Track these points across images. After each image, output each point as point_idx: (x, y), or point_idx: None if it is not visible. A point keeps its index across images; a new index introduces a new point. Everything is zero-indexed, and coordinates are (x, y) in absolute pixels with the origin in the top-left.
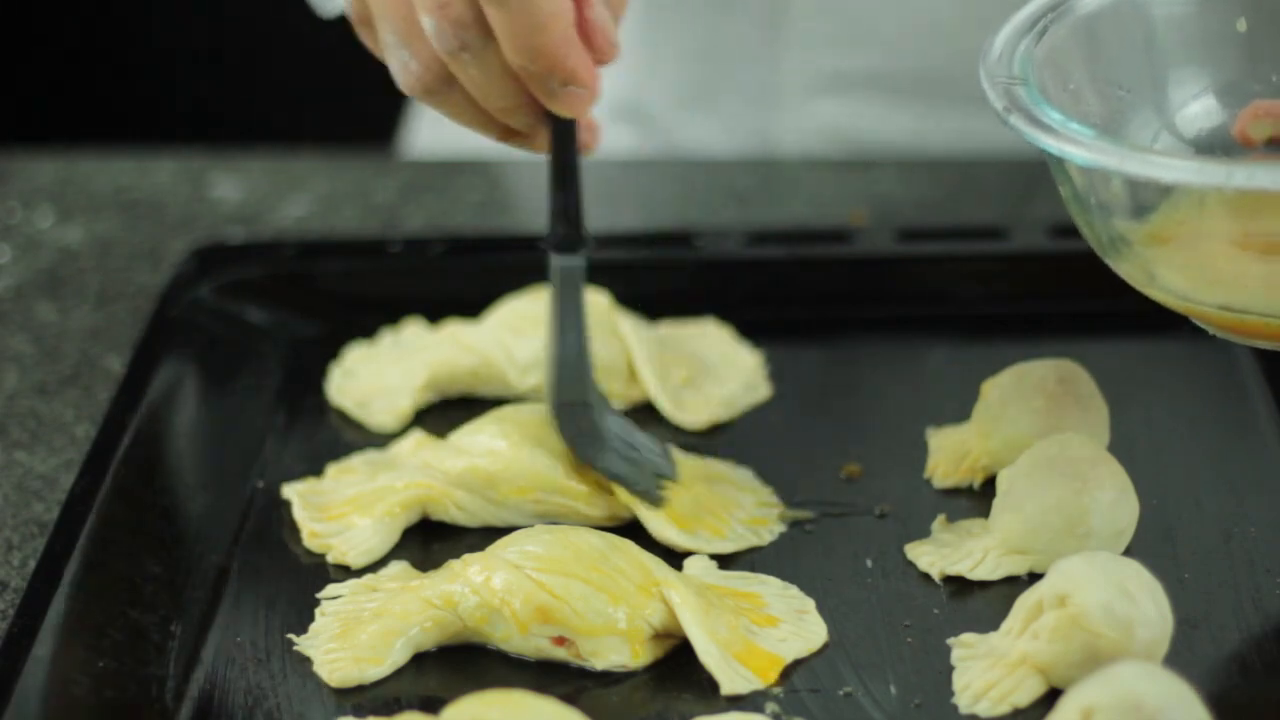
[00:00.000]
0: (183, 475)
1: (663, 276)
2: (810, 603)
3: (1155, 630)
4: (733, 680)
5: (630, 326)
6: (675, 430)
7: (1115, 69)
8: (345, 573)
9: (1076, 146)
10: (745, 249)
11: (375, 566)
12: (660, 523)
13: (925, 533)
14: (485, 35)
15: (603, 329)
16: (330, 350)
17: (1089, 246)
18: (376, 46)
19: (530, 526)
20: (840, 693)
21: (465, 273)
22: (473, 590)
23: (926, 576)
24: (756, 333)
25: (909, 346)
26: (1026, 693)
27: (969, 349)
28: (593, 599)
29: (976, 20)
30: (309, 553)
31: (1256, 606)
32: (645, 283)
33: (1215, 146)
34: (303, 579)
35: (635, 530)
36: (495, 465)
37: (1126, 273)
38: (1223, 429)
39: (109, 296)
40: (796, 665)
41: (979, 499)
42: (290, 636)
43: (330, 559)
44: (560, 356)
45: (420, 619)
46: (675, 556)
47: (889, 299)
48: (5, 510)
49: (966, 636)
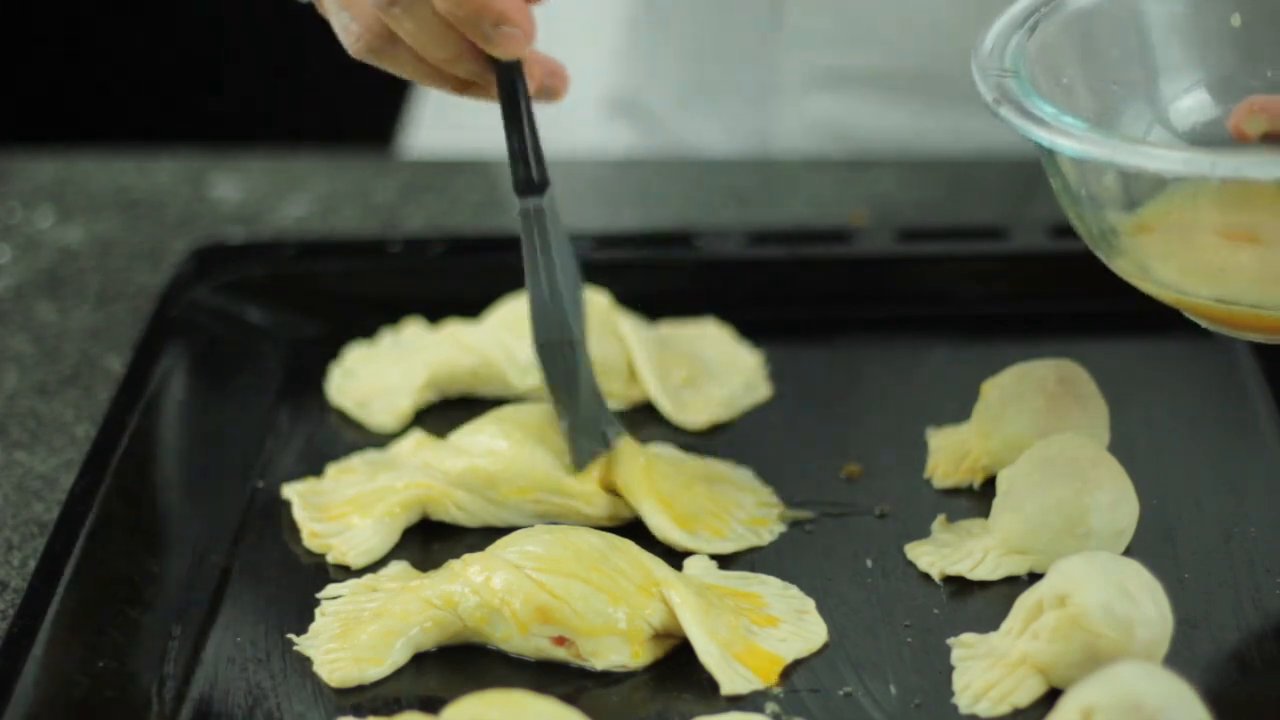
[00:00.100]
0: (183, 475)
1: (663, 276)
2: (810, 603)
3: (1155, 630)
4: (733, 680)
5: (630, 326)
6: (675, 430)
7: (1108, 64)
8: (345, 573)
9: (1066, 137)
10: (745, 249)
11: (375, 566)
12: (661, 522)
13: (925, 533)
14: None
15: (603, 329)
16: (330, 350)
17: (1089, 246)
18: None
19: (530, 526)
20: (840, 693)
21: (465, 273)
22: (473, 590)
23: (926, 576)
24: (756, 333)
25: (909, 346)
26: (1026, 693)
27: (969, 349)
28: (593, 599)
29: (974, 19)
30: (309, 553)
31: (1256, 606)
32: (645, 283)
33: (1209, 141)
34: (303, 579)
35: (635, 530)
36: (495, 465)
37: (1120, 267)
38: (1223, 429)
39: (109, 296)
40: (796, 665)
41: (979, 499)
42: (290, 636)
43: (330, 559)
44: (534, 298)
45: (420, 619)
46: (675, 556)
47: (889, 299)
48: (5, 510)
49: (966, 636)
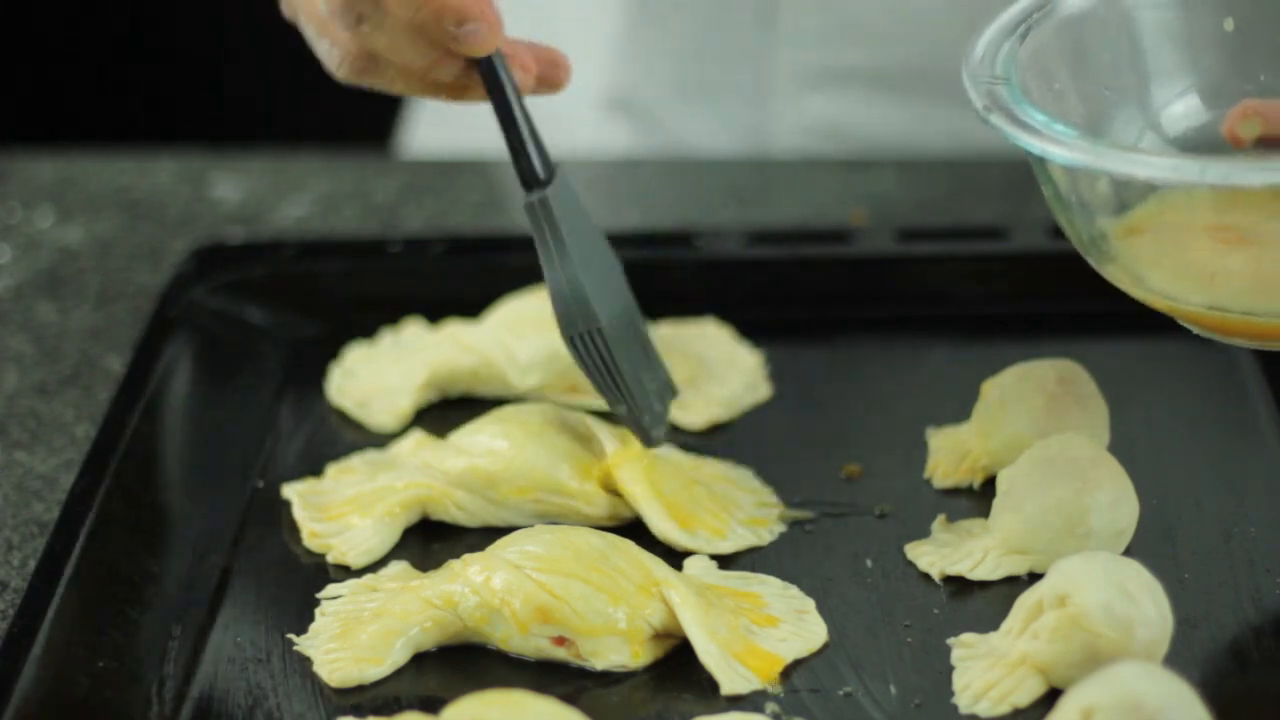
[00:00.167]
0: (183, 475)
1: (663, 276)
2: (810, 603)
3: (1155, 630)
4: (733, 680)
5: None
6: (675, 430)
7: (1100, 69)
8: (345, 573)
9: (1056, 145)
10: (745, 249)
11: (375, 566)
12: (661, 522)
13: (925, 533)
14: (375, 2)
15: None
16: (330, 350)
17: (1080, 252)
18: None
19: (530, 526)
20: (840, 693)
21: (465, 273)
22: (473, 590)
23: (926, 576)
24: (756, 333)
25: (909, 346)
26: (1026, 693)
27: (969, 349)
28: (593, 599)
29: (968, 18)
30: (309, 553)
31: (1256, 606)
32: (645, 283)
33: (1203, 146)
34: (303, 579)
35: (635, 530)
36: (495, 465)
37: (1111, 273)
38: (1223, 429)
39: (109, 296)
40: (796, 665)
41: (979, 499)
42: (290, 636)
43: (330, 559)
44: (553, 291)
45: (420, 619)
46: (675, 556)
47: (889, 299)
48: (5, 510)
49: (966, 636)
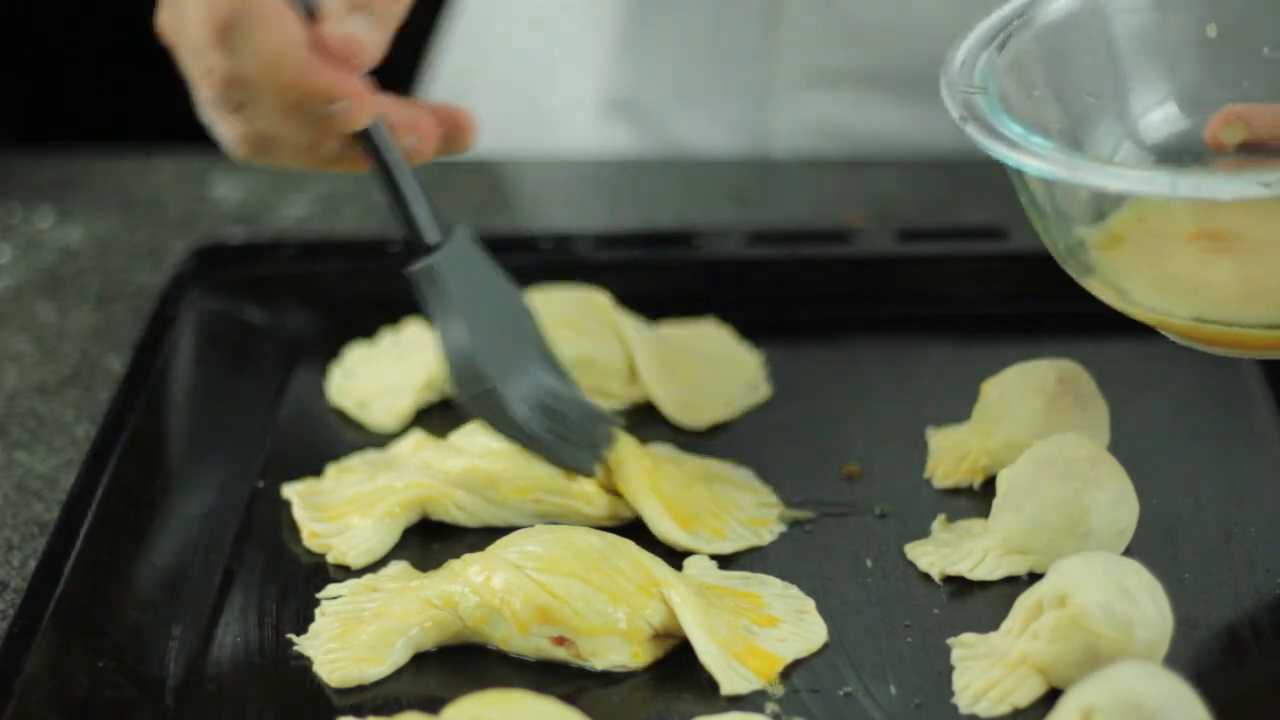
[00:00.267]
0: (183, 475)
1: (663, 276)
2: (810, 603)
3: (1155, 630)
4: (733, 680)
5: (630, 326)
6: (675, 430)
7: (1079, 77)
8: (345, 573)
9: (1030, 157)
10: (745, 249)
11: (375, 566)
12: (661, 521)
13: (925, 533)
14: (249, 90)
15: (603, 329)
16: (330, 350)
17: (1059, 264)
18: None
19: (530, 526)
20: (840, 693)
21: None
22: (473, 590)
23: (926, 576)
24: (756, 333)
25: (909, 346)
26: (1026, 693)
27: (969, 349)
28: (593, 599)
29: (969, 18)
30: (309, 553)
31: (1256, 606)
32: (645, 283)
33: (1184, 152)
34: (303, 579)
35: (635, 530)
36: (495, 465)
37: (1092, 286)
38: (1223, 429)
39: (109, 296)
40: (796, 665)
41: (979, 499)
42: (290, 636)
43: (330, 559)
44: (447, 355)
45: (420, 619)
46: (675, 556)
47: (889, 299)
48: (5, 510)
49: (966, 636)
